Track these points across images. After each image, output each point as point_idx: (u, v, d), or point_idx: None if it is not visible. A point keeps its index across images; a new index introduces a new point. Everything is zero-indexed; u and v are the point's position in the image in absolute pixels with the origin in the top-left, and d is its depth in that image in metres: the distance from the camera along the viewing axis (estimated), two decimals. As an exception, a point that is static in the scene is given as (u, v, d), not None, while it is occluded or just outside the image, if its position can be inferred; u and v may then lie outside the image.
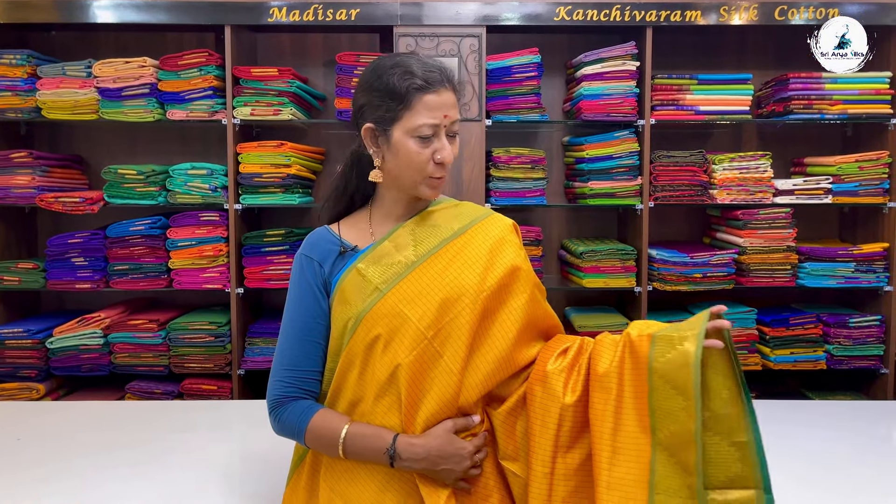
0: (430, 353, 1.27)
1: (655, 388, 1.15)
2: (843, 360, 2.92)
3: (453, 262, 1.33)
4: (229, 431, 2.09)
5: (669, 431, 1.14)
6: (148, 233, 2.88)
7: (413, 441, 1.26)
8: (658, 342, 1.18)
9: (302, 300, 1.35)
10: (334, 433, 1.28)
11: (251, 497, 1.58)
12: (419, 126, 1.27)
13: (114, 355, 2.90)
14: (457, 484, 1.28)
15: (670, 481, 1.12)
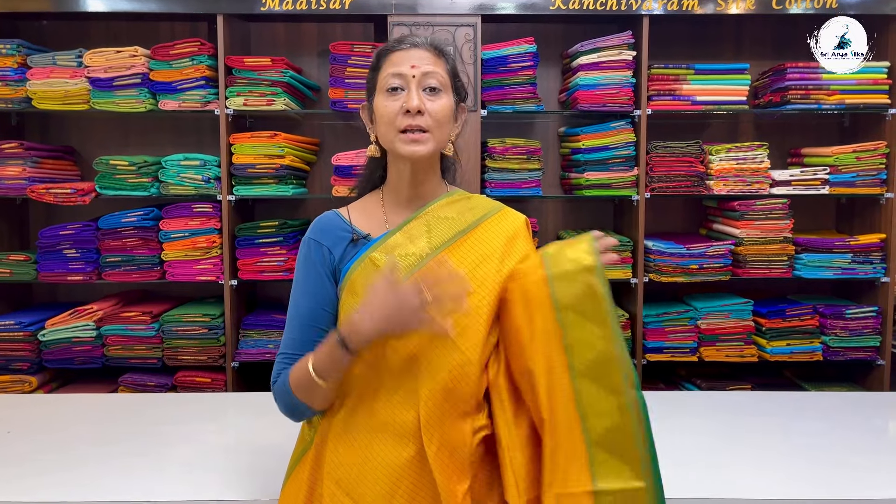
0: (448, 347, 1.24)
1: (567, 324, 1.20)
2: (839, 351, 2.91)
3: (468, 255, 1.31)
4: (224, 423, 2.08)
5: (588, 360, 1.19)
6: (140, 224, 2.86)
7: (351, 317, 1.22)
8: (557, 280, 1.21)
9: (307, 285, 1.33)
10: (304, 367, 1.26)
11: (247, 489, 1.57)
12: (385, 77, 1.30)
13: (106, 348, 2.88)
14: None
15: (599, 405, 1.18)
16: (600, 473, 1.18)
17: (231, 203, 2.87)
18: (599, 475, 1.18)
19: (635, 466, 1.18)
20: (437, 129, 1.31)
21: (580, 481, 1.19)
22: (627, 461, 1.18)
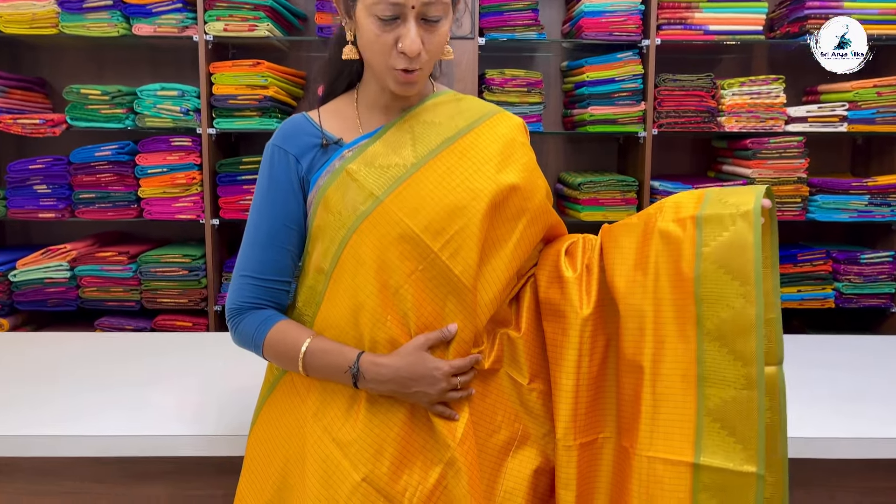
0: (439, 269, 1.10)
1: (705, 275, 1.05)
2: (852, 298, 2.78)
3: (460, 164, 1.14)
4: (203, 360, 1.93)
5: (720, 319, 1.04)
6: (115, 159, 2.68)
7: (379, 360, 1.10)
8: (706, 224, 1.06)
9: (271, 199, 1.16)
10: (294, 346, 1.13)
11: (233, 426, 1.43)
12: (375, 3, 1.05)
13: (81, 289, 2.73)
14: (434, 409, 1.12)
15: (724, 372, 1.03)
16: (707, 447, 1.03)
17: (212, 137, 2.70)
18: (706, 449, 1.03)
19: (750, 449, 1.02)
20: (432, 59, 1.13)
21: (682, 450, 1.05)
22: (742, 441, 1.02)
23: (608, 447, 1.17)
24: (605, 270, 1.16)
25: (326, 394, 1.15)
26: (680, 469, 1.05)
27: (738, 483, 1.02)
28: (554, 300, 1.18)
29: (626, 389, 1.13)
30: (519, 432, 1.20)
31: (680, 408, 1.06)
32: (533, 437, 1.20)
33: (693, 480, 1.04)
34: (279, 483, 1.20)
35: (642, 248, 1.12)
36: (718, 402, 1.03)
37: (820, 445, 1.37)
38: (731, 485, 1.02)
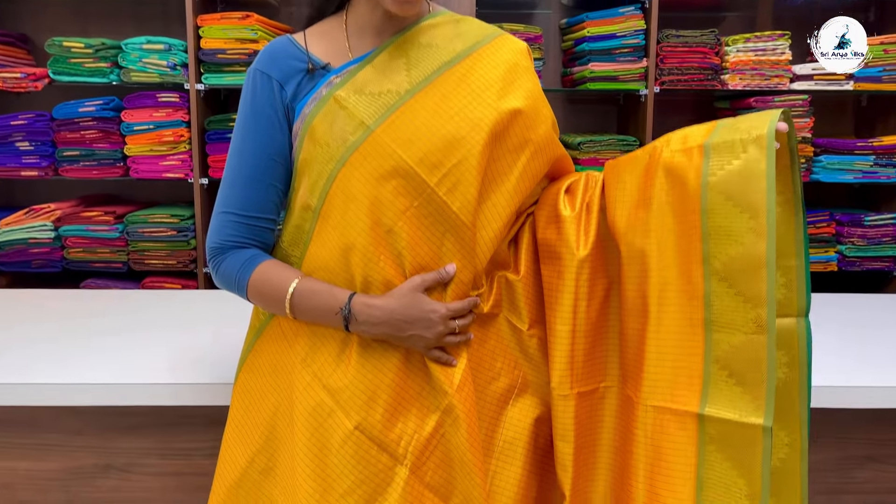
0: (436, 205, 1.03)
1: (712, 208, 0.96)
2: (855, 261, 2.73)
3: (458, 91, 1.06)
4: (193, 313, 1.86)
5: (728, 257, 0.95)
6: (99, 115, 2.59)
7: (372, 302, 1.03)
8: (715, 152, 0.96)
9: (254, 129, 1.08)
10: (281, 287, 1.06)
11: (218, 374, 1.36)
12: None
13: (66, 250, 2.65)
14: (430, 354, 1.06)
15: (732, 315, 0.95)
16: (714, 397, 0.96)
17: (200, 93, 2.61)
18: (712, 399, 0.96)
19: (759, 399, 0.94)
20: None
21: (688, 399, 0.98)
22: (751, 391, 0.94)
23: (610, 397, 1.11)
24: (607, 209, 1.08)
25: (316, 338, 1.09)
26: (685, 420, 0.98)
27: (744, 435, 0.94)
28: (550, 241, 1.12)
29: (630, 335, 1.06)
30: (519, 380, 1.14)
31: (686, 355, 0.99)
32: (533, 386, 1.14)
33: (699, 432, 0.97)
34: (267, 433, 1.13)
35: (645, 183, 1.04)
36: (727, 349, 0.96)
37: (828, 394, 1.32)
38: (736, 437, 0.95)
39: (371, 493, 1.04)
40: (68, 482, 1.42)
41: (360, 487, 1.03)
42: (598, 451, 1.11)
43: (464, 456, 1.05)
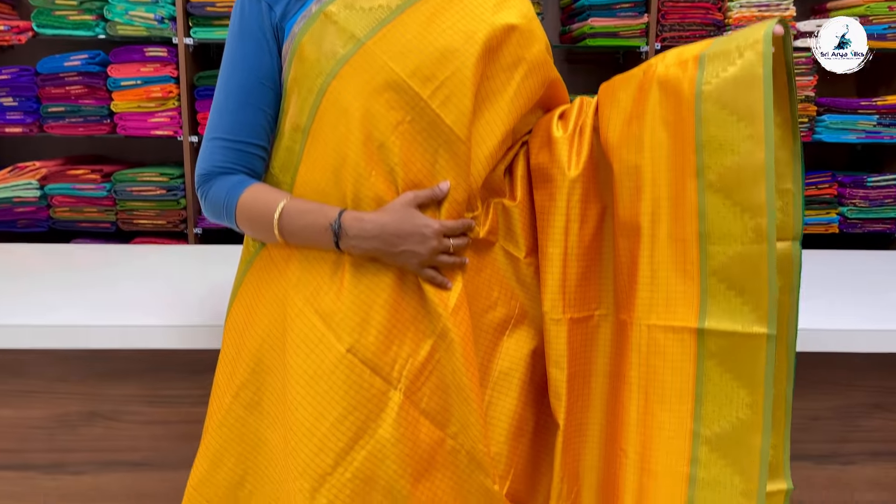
0: (429, 119, 0.99)
1: (706, 117, 0.92)
2: (856, 223, 2.69)
3: (451, 5, 1.03)
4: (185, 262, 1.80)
5: (724, 167, 0.92)
6: (85, 69, 2.52)
7: (362, 216, 1.00)
8: (710, 62, 0.93)
9: (243, 52, 1.04)
10: (270, 208, 1.02)
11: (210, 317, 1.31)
12: None
13: (53, 209, 2.59)
14: (424, 273, 1.02)
15: (729, 226, 0.92)
16: (713, 311, 0.94)
17: (189, 47, 2.54)
18: (711, 312, 0.94)
19: (760, 309, 0.92)
20: None
21: (685, 315, 0.95)
22: (751, 301, 0.92)
23: (606, 326, 1.09)
24: (600, 127, 1.05)
25: (307, 262, 1.05)
26: (683, 336, 0.96)
27: (748, 346, 0.93)
28: (543, 164, 1.09)
29: (623, 256, 1.03)
30: (516, 311, 1.11)
31: (681, 270, 0.96)
32: (530, 317, 1.12)
33: (698, 347, 0.95)
34: (253, 365, 1.09)
35: (639, 97, 1.01)
36: (724, 260, 0.93)
37: (833, 338, 1.27)
38: (739, 348, 0.93)
39: (364, 418, 1.00)
40: (52, 430, 1.38)
41: (353, 413, 1.00)
42: (592, 380, 1.09)
43: (460, 381, 1.02)
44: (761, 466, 0.95)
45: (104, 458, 1.39)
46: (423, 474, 1.03)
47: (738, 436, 0.95)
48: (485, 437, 1.04)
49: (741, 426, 0.95)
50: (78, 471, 1.39)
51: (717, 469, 0.96)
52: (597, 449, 1.11)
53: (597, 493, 1.11)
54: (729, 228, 0.92)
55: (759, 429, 0.94)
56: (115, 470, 1.39)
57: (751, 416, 0.94)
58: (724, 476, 0.96)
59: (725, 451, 0.95)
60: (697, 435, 0.96)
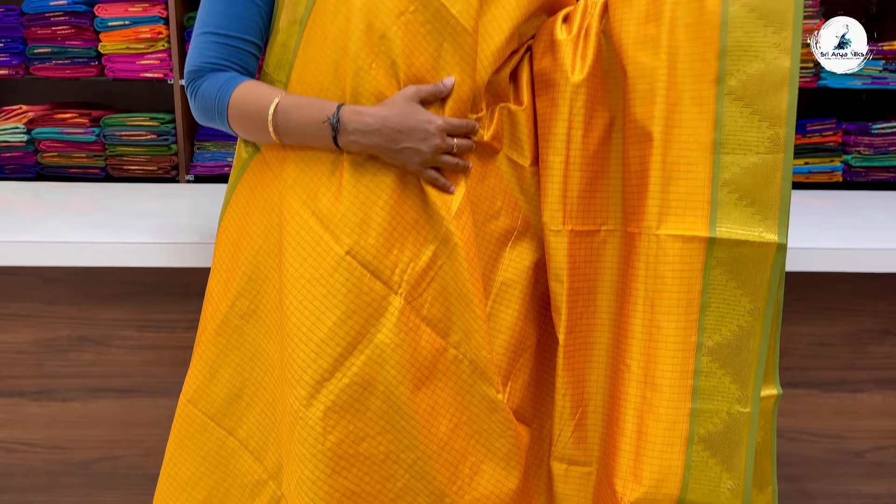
0: (433, 9, 0.94)
1: (733, 21, 0.90)
2: (861, 171, 2.65)
3: None
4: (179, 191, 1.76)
5: (747, 75, 0.90)
6: (71, 9, 2.44)
7: (362, 109, 0.95)
8: None
9: None
10: (264, 104, 0.97)
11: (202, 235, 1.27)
12: None
13: (41, 154, 2.53)
14: (426, 174, 0.97)
15: (745, 135, 0.91)
16: (723, 220, 0.92)
17: (178, -14, 2.46)
18: (722, 221, 0.92)
19: (771, 219, 0.91)
20: None
21: (694, 224, 0.93)
22: (763, 211, 0.91)
23: (613, 241, 1.05)
24: (611, 29, 1.00)
25: (304, 163, 1.00)
26: (692, 245, 0.94)
27: (757, 255, 0.92)
28: (546, 69, 1.04)
29: (633, 164, 0.99)
30: (519, 221, 1.08)
31: (693, 179, 0.94)
32: (533, 229, 1.08)
33: (706, 256, 0.93)
34: (250, 274, 1.05)
35: None
36: (738, 171, 0.92)
37: (844, 257, 1.23)
38: (748, 257, 0.92)
39: (363, 323, 0.97)
40: (41, 355, 1.34)
41: (352, 318, 0.96)
42: (598, 297, 1.06)
43: (463, 288, 0.98)
44: (757, 371, 0.96)
45: (94, 384, 1.35)
46: (424, 382, 1.00)
47: (737, 343, 0.95)
48: (488, 344, 1.01)
49: (741, 333, 0.95)
50: (67, 397, 1.35)
51: (716, 379, 0.96)
52: (603, 370, 1.07)
53: (603, 417, 1.08)
54: (745, 138, 0.91)
55: (759, 334, 0.95)
56: (106, 397, 1.36)
57: (751, 323, 0.94)
58: (723, 385, 0.96)
59: (725, 360, 0.95)
60: (700, 346, 0.95)
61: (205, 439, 1.09)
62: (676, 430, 0.95)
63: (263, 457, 1.08)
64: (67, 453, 1.36)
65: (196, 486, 1.10)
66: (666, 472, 0.95)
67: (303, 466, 0.97)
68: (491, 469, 1.03)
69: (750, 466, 0.97)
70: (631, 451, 0.97)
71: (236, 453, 1.09)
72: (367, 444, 0.98)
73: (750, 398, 0.96)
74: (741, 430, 0.96)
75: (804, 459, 1.39)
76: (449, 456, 1.01)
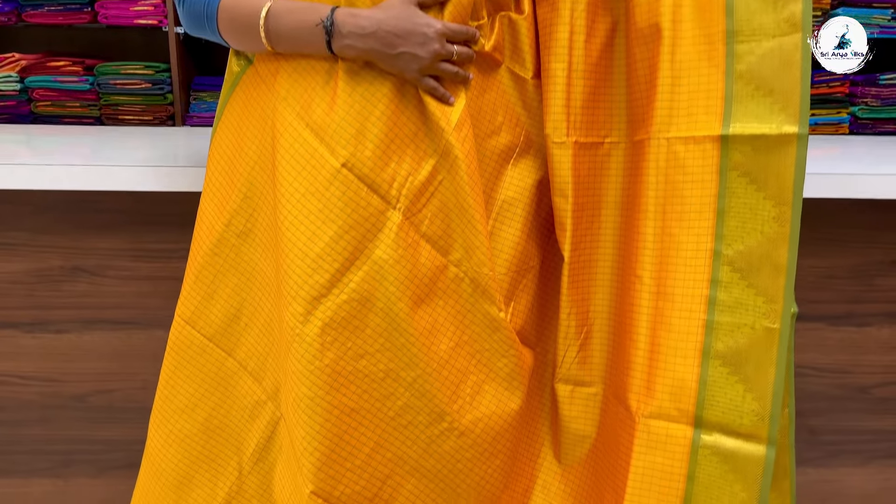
0: None
1: None
2: (868, 123, 2.61)
3: None
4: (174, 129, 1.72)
5: None
6: (63, -49, 2.38)
7: (357, 11, 0.91)
8: None
9: None
10: (254, 9, 0.94)
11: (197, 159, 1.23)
12: None
13: (34, 103, 2.48)
14: (424, 83, 0.94)
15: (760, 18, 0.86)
16: (738, 114, 0.87)
17: (172, -70, 2.40)
18: (736, 116, 0.87)
19: (791, 106, 0.86)
20: None
21: (707, 124, 0.89)
22: (782, 99, 0.86)
23: (617, 154, 1.01)
24: None
25: (297, 73, 0.97)
26: (705, 147, 0.89)
27: (775, 151, 0.87)
28: None
29: (641, 69, 0.95)
30: (521, 138, 1.04)
31: (705, 74, 0.89)
32: (536, 146, 1.05)
33: (721, 158, 0.88)
34: (245, 191, 1.02)
35: None
36: (753, 60, 0.87)
37: (854, 183, 1.19)
38: (765, 156, 0.87)
39: (361, 238, 0.94)
40: (33, 286, 1.31)
41: (349, 233, 0.93)
42: (602, 213, 1.03)
43: (464, 202, 0.95)
44: (787, 283, 0.90)
45: (88, 315, 1.33)
46: (424, 299, 0.97)
47: (762, 252, 0.89)
48: (490, 260, 0.98)
49: (766, 242, 0.89)
50: (60, 329, 1.33)
51: (739, 290, 0.90)
52: (608, 288, 1.05)
53: (609, 335, 1.05)
54: (760, 22, 0.86)
55: (786, 241, 0.88)
56: (100, 328, 1.33)
57: (777, 230, 0.88)
58: (747, 297, 0.90)
59: (748, 270, 0.90)
60: (718, 254, 0.90)
61: (204, 360, 1.07)
62: (690, 342, 0.91)
63: (262, 378, 1.06)
64: (62, 386, 1.34)
65: (195, 409, 1.08)
66: (679, 386, 0.92)
67: (300, 384, 0.95)
68: (493, 389, 1.01)
69: (780, 391, 0.91)
70: (644, 365, 0.94)
71: (235, 374, 1.07)
72: (366, 362, 0.96)
73: (779, 313, 0.89)
74: (769, 349, 0.90)
75: (809, 395, 1.37)
76: (450, 375, 0.99)
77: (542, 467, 1.11)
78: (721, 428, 0.90)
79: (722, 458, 0.90)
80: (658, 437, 0.93)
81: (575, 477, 1.08)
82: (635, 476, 0.94)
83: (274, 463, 1.06)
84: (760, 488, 0.90)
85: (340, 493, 0.96)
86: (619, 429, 0.99)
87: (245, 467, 1.08)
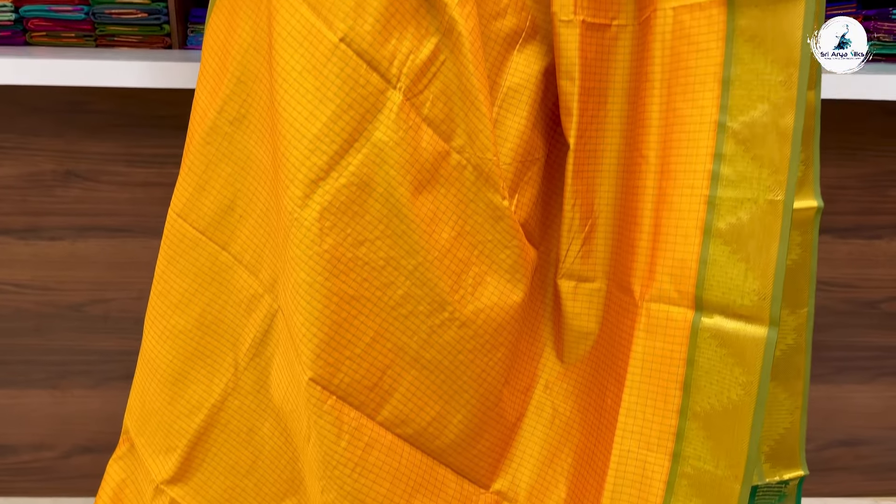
0: None
1: None
2: (881, 59, 2.55)
3: None
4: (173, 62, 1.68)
5: None
6: None
7: None
8: None
9: None
10: None
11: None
12: None
13: (29, 34, 2.43)
14: None
15: None
16: None
17: None
18: None
19: None
20: None
21: None
22: None
23: (624, 37, 0.97)
24: None
25: None
26: (711, 13, 0.85)
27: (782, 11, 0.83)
28: None
29: None
30: (527, 23, 1.00)
31: None
32: (542, 32, 1.00)
33: (727, 23, 0.85)
34: (238, 75, 0.99)
35: None
36: None
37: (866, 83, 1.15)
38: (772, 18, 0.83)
39: (360, 118, 0.90)
40: (24, 191, 1.28)
41: (348, 112, 0.90)
42: (609, 99, 0.99)
43: (467, 84, 0.92)
44: (792, 152, 0.84)
45: (82, 222, 1.30)
46: (425, 185, 0.94)
47: (766, 121, 0.84)
48: (494, 146, 0.95)
49: (772, 110, 0.84)
50: (54, 236, 1.30)
51: (744, 164, 0.85)
52: (613, 178, 1.01)
53: (613, 227, 1.02)
54: None
55: (793, 106, 0.83)
56: (95, 235, 1.31)
57: (783, 95, 0.83)
58: (751, 170, 0.85)
59: (752, 141, 0.85)
60: (723, 127, 0.85)
61: (196, 255, 1.05)
62: (690, 219, 0.88)
63: (258, 270, 1.03)
64: (58, 295, 1.32)
65: (189, 304, 1.06)
66: (680, 267, 0.89)
67: (298, 269, 0.93)
68: (495, 281, 0.99)
69: (781, 269, 0.85)
70: (647, 248, 0.91)
71: (230, 268, 1.05)
72: (366, 249, 0.94)
73: (783, 184, 0.84)
74: (772, 224, 0.85)
75: (815, 310, 1.34)
76: (451, 264, 0.97)
77: (545, 367, 1.09)
78: (721, 309, 0.87)
79: (721, 342, 0.88)
80: (658, 321, 0.90)
81: (577, 374, 1.06)
82: (635, 363, 0.91)
83: (270, 358, 1.04)
84: (761, 372, 0.86)
85: (339, 380, 0.94)
86: (622, 318, 0.97)
87: (241, 363, 1.06)
